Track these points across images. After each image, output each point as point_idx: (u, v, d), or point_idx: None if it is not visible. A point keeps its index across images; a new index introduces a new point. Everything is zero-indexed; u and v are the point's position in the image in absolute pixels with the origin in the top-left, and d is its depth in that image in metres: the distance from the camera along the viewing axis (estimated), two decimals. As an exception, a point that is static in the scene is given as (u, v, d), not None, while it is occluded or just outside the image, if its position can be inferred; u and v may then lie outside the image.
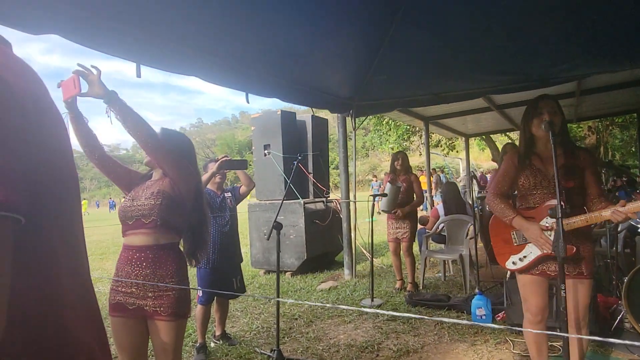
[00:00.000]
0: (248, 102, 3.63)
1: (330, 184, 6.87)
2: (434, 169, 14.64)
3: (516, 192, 2.52)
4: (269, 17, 2.98)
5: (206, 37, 2.95)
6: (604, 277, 3.92)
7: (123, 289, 1.93)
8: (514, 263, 2.39)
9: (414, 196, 4.82)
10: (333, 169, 14.30)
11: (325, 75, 4.27)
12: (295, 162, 6.29)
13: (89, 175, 63.43)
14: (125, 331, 1.95)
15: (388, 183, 4.62)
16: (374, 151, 37.86)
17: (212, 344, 3.59)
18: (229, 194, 3.62)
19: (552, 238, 2.20)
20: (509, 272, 3.06)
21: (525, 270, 2.35)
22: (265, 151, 6.24)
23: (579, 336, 2.22)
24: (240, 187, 3.68)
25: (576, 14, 3.26)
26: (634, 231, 3.84)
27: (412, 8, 3.34)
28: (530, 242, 2.30)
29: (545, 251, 2.22)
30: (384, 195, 4.61)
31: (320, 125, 6.69)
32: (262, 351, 3.35)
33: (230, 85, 3.46)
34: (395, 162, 4.89)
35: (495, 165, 18.46)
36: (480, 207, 4.72)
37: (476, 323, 3.61)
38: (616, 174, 4.61)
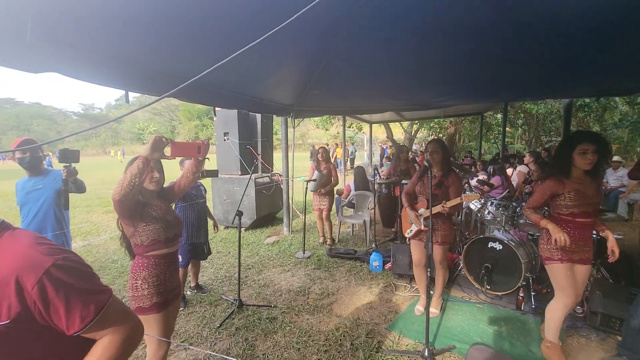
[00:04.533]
0: (215, 114, 3.47)
1: (274, 162, 6.83)
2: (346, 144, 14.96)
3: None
4: (252, 56, 2.86)
5: (180, 65, 2.73)
6: (454, 242, 4.51)
7: (165, 287, 1.79)
8: (407, 233, 2.95)
9: (332, 179, 5.02)
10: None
11: (274, 92, 4.16)
12: (248, 147, 6.23)
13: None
14: (173, 316, 1.92)
15: (316, 171, 4.76)
16: (304, 122, 37.02)
17: (189, 292, 3.62)
18: (202, 186, 3.53)
19: (422, 221, 2.75)
20: (400, 239, 3.49)
21: (413, 237, 2.91)
22: (225, 137, 6.01)
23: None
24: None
25: (447, 71, 3.55)
26: (470, 210, 4.44)
27: (339, 50, 3.32)
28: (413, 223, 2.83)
29: (419, 227, 2.78)
30: (314, 180, 4.77)
31: (267, 119, 6.54)
32: (227, 298, 3.45)
33: (203, 102, 3.27)
34: (318, 155, 5.01)
35: (388, 141, 19.36)
36: (379, 190, 5.08)
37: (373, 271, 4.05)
38: (465, 171, 5.23)
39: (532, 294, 3.19)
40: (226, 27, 2.19)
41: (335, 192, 5.42)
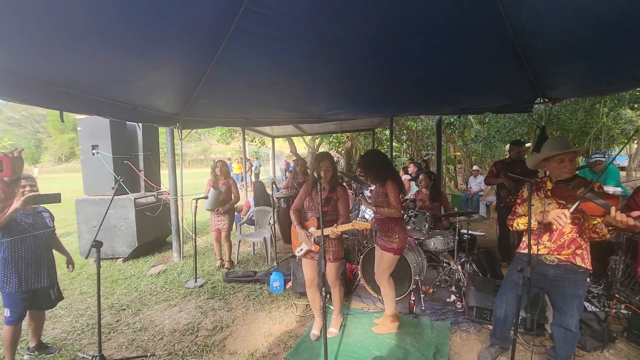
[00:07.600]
0: (62, 120, 2.73)
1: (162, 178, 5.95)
2: (249, 159, 14.50)
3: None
4: (109, 52, 2.30)
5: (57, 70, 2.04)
6: (352, 252, 4.54)
7: None
8: (297, 252, 2.77)
9: (232, 196, 4.59)
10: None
11: (153, 98, 3.56)
12: (126, 161, 5.30)
13: None
14: None
15: (211, 188, 4.27)
16: (205, 136, 34.30)
17: (26, 357, 2.69)
18: (47, 213, 2.70)
19: (312, 240, 2.62)
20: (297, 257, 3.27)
21: (303, 256, 2.75)
22: (94, 151, 4.96)
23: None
24: None
25: (336, 86, 3.61)
26: (366, 220, 4.54)
27: (228, 55, 3.02)
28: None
29: (309, 247, 2.63)
30: (206, 197, 4.25)
31: (150, 129, 5.68)
32: (83, 355, 2.67)
33: (51, 107, 2.52)
34: (216, 169, 4.55)
35: (292, 155, 19.56)
36: (278, 205, 4.84)
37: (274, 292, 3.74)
38: (360, 183, 5.30)
39: (422, 295, 3.35)
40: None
41: (235, 210, 4.98)
